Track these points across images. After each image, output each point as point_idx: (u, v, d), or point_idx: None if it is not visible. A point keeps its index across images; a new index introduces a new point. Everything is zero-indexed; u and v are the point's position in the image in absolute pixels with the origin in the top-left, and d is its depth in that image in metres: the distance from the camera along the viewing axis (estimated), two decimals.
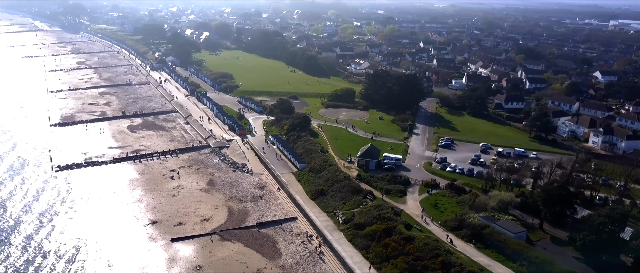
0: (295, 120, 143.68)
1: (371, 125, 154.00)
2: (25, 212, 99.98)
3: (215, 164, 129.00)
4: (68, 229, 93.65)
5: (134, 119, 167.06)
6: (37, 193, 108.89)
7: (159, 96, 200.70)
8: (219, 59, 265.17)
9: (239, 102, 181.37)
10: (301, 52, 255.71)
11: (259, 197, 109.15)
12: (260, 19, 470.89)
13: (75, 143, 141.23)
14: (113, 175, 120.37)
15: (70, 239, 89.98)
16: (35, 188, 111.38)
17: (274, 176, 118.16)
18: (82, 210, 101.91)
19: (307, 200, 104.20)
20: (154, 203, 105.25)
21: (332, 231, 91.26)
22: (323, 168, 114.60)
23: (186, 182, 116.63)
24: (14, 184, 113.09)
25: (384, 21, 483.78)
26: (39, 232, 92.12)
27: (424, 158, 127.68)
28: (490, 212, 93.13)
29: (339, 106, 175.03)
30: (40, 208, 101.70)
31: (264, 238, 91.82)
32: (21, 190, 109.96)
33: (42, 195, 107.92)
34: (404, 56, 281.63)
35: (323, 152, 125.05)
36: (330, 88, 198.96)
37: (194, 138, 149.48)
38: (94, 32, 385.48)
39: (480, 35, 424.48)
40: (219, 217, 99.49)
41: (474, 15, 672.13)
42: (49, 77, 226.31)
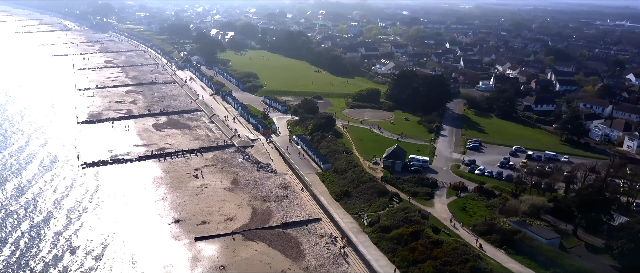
0: (319, 120, 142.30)
1: (397, 126, 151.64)
2: (53, 208, 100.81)
3: (239, 163, 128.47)
4: (95, 226, 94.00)
5: (159, 117, 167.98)
6: (64, 189, 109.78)
7: (184, 94, 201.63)
8: (243, 59, 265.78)
9: (264, 101, 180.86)
10: (325, 52, 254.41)
11: (282, 197, 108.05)
12: (284, 19, 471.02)
13: (102, 141, 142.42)
14: (138, 172, 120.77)
15: (97, 236, 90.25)
16: (63, 184, 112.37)
17: (298, 176, 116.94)
18: (108, 206, 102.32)
19: (331, 201, 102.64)
20: (178, 201, 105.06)
21: (357, 233, 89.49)
22: (348, 168, 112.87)
23: (210, 181, 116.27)
24: (43, 180, 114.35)
25: (409, 22, 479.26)
26: (68, 228, 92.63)
27: (451, 160, 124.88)
28: (521, 217, 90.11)
29: (364, 107, 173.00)
30: (68, 204, 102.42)
31: (287, 239, 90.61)
32: (49, 186, 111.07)
33: (69, 191, 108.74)
34: (430, 57, 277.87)
35: (348, 153, 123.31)
36: (355, 88, 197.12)
37: (218, 136, 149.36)
38: (122, 31, 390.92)
39: (507, 36, 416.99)
40: (242, 216, 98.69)
41: (501, 16, 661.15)
42: (77, 76, 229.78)
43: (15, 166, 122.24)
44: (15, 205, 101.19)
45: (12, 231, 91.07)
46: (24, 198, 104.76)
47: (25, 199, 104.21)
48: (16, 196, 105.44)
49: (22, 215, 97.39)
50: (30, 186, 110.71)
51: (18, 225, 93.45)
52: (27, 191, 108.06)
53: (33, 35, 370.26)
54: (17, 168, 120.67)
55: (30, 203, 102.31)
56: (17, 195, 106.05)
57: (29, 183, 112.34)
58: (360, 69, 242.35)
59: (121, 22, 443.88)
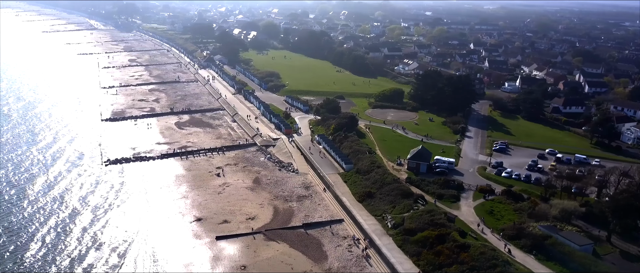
0: (341, 120, 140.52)
1: (421, 127, 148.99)
2: (77, 204, 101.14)
3: (261, 162, 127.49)
4: (119, 223, 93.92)
5: (181, 116, 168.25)
6: (87, 186, 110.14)
7: (207, 93, 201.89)
8: (266, 59, 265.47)
9: (286, 101, 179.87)
10: (348, 52, 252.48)
11: (304, 197, 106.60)
12: (307, 19, 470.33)
13: (125, 138, 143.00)
14: (160, 170, 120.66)
15: (121, 233, 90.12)
16: (86, 181, 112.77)
17: (320, 176, 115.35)
18: (130, 204, 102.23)
19: (354, 202, 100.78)
20: (200, 199, 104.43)
21: (380, 235, 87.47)
22: (371, 169, 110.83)
23: (232, 180, 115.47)
24: (68, 176, 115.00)
25: (432, 22, 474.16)
26: (93, 225, 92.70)
27: (477, 162, 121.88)
28: (551, 222, 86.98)
29: (387, 107, 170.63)
30: (91, 201, 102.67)
31: (309, 240, 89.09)
32: (73, 183, 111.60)
33: (92, 188, 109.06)
34: (454, 57, 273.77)
35: (371, 153, 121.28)
36: (378, 88, 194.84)
37: (240, 135, 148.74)
38: (146, 31, 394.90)
39: (533, 37, 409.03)
40: (264, 216, 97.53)
41: (526, 17, 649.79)
42: (101, 74, 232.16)
43: (42, 162, 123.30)
44: (41, 201, 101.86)
45: (38, 227, 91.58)
46: (51, 194, 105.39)
47: (52, 195, 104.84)
48: (43, 192, 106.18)
49: (48, 210, 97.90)
50: (56, 182, 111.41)
51: (44, 220, 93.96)
52: (53, 187, 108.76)
53: (60, 34, 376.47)
54: (43, 164, 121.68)
55: (56, 199, 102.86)
56: (44, 190, 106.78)
57: (55, 179, 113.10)
58: (383, 69, 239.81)
59: (145, 21, 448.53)
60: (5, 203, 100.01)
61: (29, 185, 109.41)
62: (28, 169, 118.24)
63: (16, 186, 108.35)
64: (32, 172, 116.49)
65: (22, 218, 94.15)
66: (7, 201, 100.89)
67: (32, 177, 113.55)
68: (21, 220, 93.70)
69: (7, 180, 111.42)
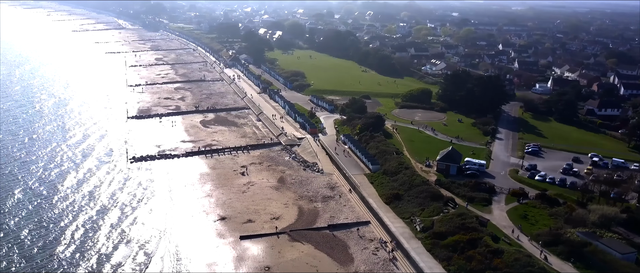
0: (368, 120, 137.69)
1: (449, 128, 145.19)
2: (102, 201, 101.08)
3: (285, 162, 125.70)
4: (144, 221, 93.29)
5: (206, 114, 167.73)
6: (111, 183, 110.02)
7: (232, 92, 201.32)
8: (291, 58, 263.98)
9: (311, 101, 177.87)
10: (374, 52, 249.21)
11: (329, 198, 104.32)
12: (332, 20, 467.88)
13: (150, 136, 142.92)
14: (185, 168, 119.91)
15: (146, 231, 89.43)
16: (110, 178, 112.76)
17: (346, 177, 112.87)
18: (154, 202, 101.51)
19: (381, 204, 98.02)
20: (224, 198, 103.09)
21: (409, 239, 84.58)
22: (398, 170, 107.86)
23: (256, 179, 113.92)
24: (95, 173, 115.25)
25: (459, 23, 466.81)
26: (120, 222, 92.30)
27: (508, 165, 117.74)
28: (590, 228, 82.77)
29: (414, 107, 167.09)
30: (115, 199, 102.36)
31: (335, 242, 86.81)
32: (98, 180, 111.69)
33: (116, 186, 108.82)
34: (483, 58, 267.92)
35: (398, 154, 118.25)
36: (404, 88, 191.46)
37: (265, 134, 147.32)
38: (172, 30, 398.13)
39: (564, 38, 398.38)
40: (288, 216, 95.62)
41: (556, 18, 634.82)
42: (128, 72, 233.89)
43: (71, 159, 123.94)
44: (70, 197, 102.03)
45: (67, 223, 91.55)
46: (78, 190, 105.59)
47: (80, 192, 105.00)
48: (72, 188, 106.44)
49: (76, 207, 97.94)
50: (83, 179, 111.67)
51: (73, 217, 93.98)
52: (81, 183, 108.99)
53: (89, 33, 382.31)
54: (72, 161, 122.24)
55: (84, 196, 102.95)
56: (73, 187, 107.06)
57: (83, 175, 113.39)
58: (410, 69, 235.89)
59: (172, 21, 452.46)
60: (36, 198, 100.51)
61: (58, 181, 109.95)
62: (58, 165, 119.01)
63: (46, 182, 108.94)
64: (61, 169, 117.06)
65: (52, 215, 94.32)
66: (37, 196, 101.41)
67: (61, 174, 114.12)
68: (51, 216, 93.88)
69: (38, 175, 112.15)
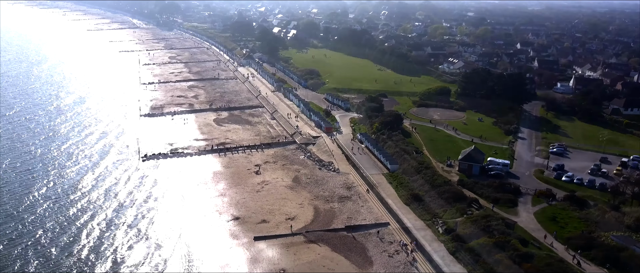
0: (386, 118, 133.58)
1: (469, 127, 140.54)
2: (115, 201, 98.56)
3: (300, 160, 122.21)
4: (154, 220, 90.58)
5: (220, 112, 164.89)
6: (124, 182, 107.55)
7: (246, 91, 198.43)
8: (306, 57, 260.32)
9: (326, 99, 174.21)
10: (390, 50, 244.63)
11: (346, 198, 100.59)
12: (346, 19, 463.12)
13: (163, 133, 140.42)
14: (197, 166, 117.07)
15: (159, 231, 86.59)
16: (124, 177, 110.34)
17: (363, 176, 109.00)
18: (166, 201, 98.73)
19: (400, 205, 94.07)
20: (238, 198, 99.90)
21: (431, 241, 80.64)
22: (418, 170, 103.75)
23: (271, 178, 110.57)
24: (107, 172, 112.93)
25: (475, 22, 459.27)
26: (131, 222, 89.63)
27: (533, 165, 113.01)
28: (625, 232, 78.02)
29: (432, 106, 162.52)
30: (127, 197, 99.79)
31: (353, 243, 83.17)
32: (111, 179, 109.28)
33: (128, 184, 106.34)
34: (501, 57, 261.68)
35: (418, 153, 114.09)
36: (422, 87, 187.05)
37: (279, 133, 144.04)
38: (186, 29, 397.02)
39: (583, 38, 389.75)
40: (304, 217, 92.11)
41: (574, 18, 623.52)
42: (142, 70, 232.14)
43: (82, 156, 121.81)
44: (82, 197, 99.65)
45: (80, 224, 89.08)
46: (91, 191, 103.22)
47: (92, 192, 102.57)
48: (83, 188, 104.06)
49: (88, 207, 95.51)
50: (96, 178, 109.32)
51: (81, 216, 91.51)
52: (93, 184, 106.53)
53: (103, 32, 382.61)
54: (84, 159, 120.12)
55: (97, 196, 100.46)
56: (85, 186, 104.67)
57: (95, 175, 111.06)
58: (427, 67, 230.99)
59: (186, 20, 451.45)
60: (47, 199, 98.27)
61: (66, 181, 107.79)
62: (65, 164, 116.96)
63: (58, 181, 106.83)
64: (70, 168, 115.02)
65: (66, 216, 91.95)
66: (49, 196, 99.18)
67: (69, 173, 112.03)
68: (56, 216, 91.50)
69: (51, 174, 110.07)
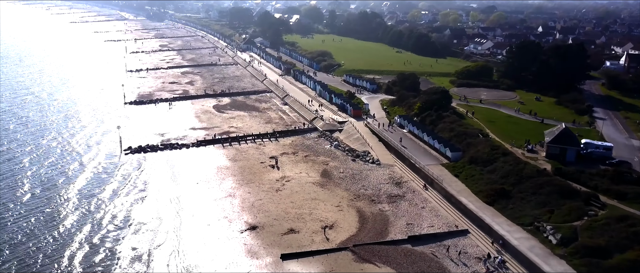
0: (430, 96, 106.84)
1: (529, 107, 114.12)
2: (84, 208, 71.68)
3: (326, 150, 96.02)
4: (138, 231, 63.84)
5: (220, 98, 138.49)
6: (99, 182, 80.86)
7: (249, 75, 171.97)
8: (312, 42, 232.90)
9: (345, 81, 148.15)
10: (408, 32, 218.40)
11: (398, 197, 74.60)
12: (348, 9, 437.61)
13: (152, 122, 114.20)
14: (196, 160, 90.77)
15: (142, 246, 59.92)
16: (100, 174, 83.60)
17: (416, 168, 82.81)
18: (153, 205, 72.14)
19: (480, 205, 67.97)
20: (252, 199, 73.61)
21: (544, 257, 54.75)
22: (493, 157, 77.72)
23: (292, 172, 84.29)
24: (79, 170, 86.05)
25: (485, 10, 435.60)
26: (107, 236, 62.85)
27: (635, 149, 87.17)
28: None
29: (474, 85, 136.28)
30: (100, 203, 73.03)
31: (422, 261, 57.65)
32: (82, 178, 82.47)
33: (103, 185, 79.64)
34: (529, 39, 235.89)
35: (484, 136, 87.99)
36: (451, 68, 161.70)
37: (295, 120, 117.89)
38: (178, 19, 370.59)
39: (604, 21, 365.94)
40: (346, 223, 66.10)
41: (580, 8, 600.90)
42: (129, 58, 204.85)
43: (42, 150, 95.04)
44: (21, 208, 72.87)
45: (38, 235, 62.25)
46: (52, 192, 76.45)
47: (55, 194, 75.79)
48: (39, 194, 77.30)
49: (48, 214, 68.70)
50: (63, 179, 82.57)
51: (42, 227, 64.68)
52: (58, 187, 79.78)
53: (88, 24, 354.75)
54: (50, 156, 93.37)
55: (59, 200, 73.64)
56: (41, 192, 77.91)
57: (63, 175, 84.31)
58: (451, 49, 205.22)
59: (178, 11, 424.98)
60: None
61: (15, 185, 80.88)
62: (22, 163, 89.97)
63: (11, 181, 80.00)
64: (27, 166, 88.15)
65: (16, 228, 65.27)
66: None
67: (27, 175, 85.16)
68: (14, 230, 64.85)
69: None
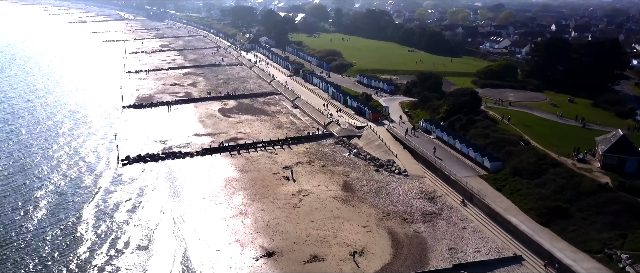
0: (458, 99, 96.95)
1: (563, 109, 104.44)
2: (71, 228, 62.09)
3: (345, 159, 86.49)
4: (136, 260, 54.22)
5: (226, 101, 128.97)
6: (91, 197, 71.21)
7: (255, 76, 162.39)
8: (319, 41, 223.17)
9: (359, 81, 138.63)
10: (420, 31, 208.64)
11: (434, 215, 65.11)
12: (353, 8, 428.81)
13: (152, 128, 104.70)
14: (202, 171, 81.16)
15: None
16: (93, 188, 73.88)
17: (450, 181, 73.20)
18: (153, 225, 62.50)
19: (533, 226, 58.47)
20: (266, 217, 64.12)
21: None
22: (541, 169, 68.07)
23: (310, 185, 74.76)
24: (74, 185, 76.45)
25: (492, 8, 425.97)
26: (98, 264, 53.29)
27: None
28: None
29: (498, 86, 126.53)
30: (92, 222, 63.44)
31: None
32: (72, 193, 72.82)
33: (96, 200, 70.00)
34: (545, 36, 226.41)
35: (525, 143, 78.34)
36: (468, 68, 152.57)
37: (307, 124, 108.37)
38: (179, 19, 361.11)
39: (617, 19, 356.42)
40: (378, 248, 56.80)
41: (588, 6, 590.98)
42: (128, 59, 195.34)
43: (33, 160, 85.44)
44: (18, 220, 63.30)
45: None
46: (40, 210, 66.84)
47: (43, 217, 66.20)
48: (22, 208, 67.68)
49: (34, 241, 59.17)
50: (52, 194, 72.93)
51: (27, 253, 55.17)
52: (38, 199, 70.19)
53: (87, 25, 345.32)
54: (40, 166, 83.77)
55: (49, 222, 64.08)
56: (31, 209, 68.27)
57: (52, 188, 74.68)
58: (465, 47, 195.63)
59: (179, 10, 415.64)
60: None
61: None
62: (9, 173, 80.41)
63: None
64: (16, 177, 78.55)
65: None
66: None
67: (12, 187, 75.52)
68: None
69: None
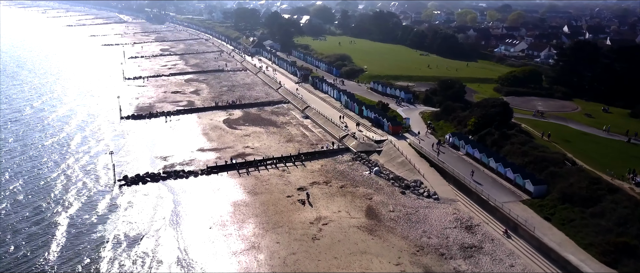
0: (488, 110, 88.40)
1: (598, 120, 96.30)
2: (59, 263, 53.62)
3: (366, 179, 78.09)
4: None
5: (231, 111, 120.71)
6: (83, 225, 62.71)
7: (261, 83, 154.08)
8: (326, 44, 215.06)
9: (372, 89, 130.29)
10: (432, 33, 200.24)
11: (474, 249, 56.83)
12: (357, 9, 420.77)
13: (152, 143, 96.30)
14: (207, 193, 72.71)
15: None
16: (87, 215, 65.35)
17: (489, 207, 64.77)
18: (153, 260, 53.97)
19: (597, 267, 50.02)
20: (283, 253, 55.78)
21: None
22: (596, 195, 59.61)
23: (329, 211, 66.36)
24: (66, 209, 67.89)
25: (499, 9, 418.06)
26: None
27: None
28: None
29: (523, 94, 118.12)
30: (85, 256, 54.91)
31: None
32: (61, 218, 64.29)
33: (89, 229, 61.53)
34: (561, 38, 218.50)
35: (572, 163, 69.82)
36: (486, 73, 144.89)
37: (320, 137, 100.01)
38: (180, 21, 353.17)
39: (630, 20, 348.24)
40: None
41: (593, 7, 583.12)
42: (127, 64, 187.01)
43: (20, 182, 76.99)
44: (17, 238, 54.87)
45: None
46: (32, 240, 58.40)
47: (33, 248, 57.76)
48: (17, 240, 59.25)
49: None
50: (42, 221, 64.48)
51: None
52: (34, 231, 61.73)
53: (85, 27, 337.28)
54: (28, 187, 75.28)
55: (36, 257, 55.64)
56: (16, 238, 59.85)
57: (41, 213, 66.24)
58: (479, 51, 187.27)
59: (179, 13, 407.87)
60: None
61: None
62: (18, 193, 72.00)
63: None
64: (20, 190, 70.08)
65: None
66: None
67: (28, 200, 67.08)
68: None
69: None
